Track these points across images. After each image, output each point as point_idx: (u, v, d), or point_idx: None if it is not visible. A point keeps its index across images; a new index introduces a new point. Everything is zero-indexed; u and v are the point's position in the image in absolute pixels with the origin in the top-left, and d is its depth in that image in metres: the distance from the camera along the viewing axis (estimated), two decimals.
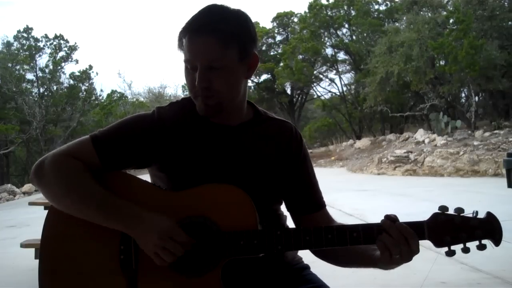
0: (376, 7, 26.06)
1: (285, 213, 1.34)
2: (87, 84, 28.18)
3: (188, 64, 1.15)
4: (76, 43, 28.09)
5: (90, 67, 27.71)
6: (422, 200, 7.18)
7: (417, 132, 16.59)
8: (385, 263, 1.09)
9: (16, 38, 27.10)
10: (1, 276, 4.05)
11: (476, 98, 17.49)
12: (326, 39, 27.07)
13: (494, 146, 11.75)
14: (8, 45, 26.97)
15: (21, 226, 7.20)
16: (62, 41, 27.52)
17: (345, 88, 27.26)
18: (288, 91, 31.06)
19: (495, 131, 13.83)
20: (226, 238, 1.09)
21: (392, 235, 1.06)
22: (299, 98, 32.08)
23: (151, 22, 72.13)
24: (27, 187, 15.12)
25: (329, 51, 26.91)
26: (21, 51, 27.12)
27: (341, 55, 26.81)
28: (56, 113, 25.74)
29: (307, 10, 26.78)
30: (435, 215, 1.08)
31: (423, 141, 14.66)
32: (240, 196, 1.12)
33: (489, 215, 1.07)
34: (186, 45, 1.14)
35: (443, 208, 1.09)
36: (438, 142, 13.58)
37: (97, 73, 37.38)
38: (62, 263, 1.14)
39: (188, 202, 1.14)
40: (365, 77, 21.09)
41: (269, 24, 32.95)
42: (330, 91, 29.92)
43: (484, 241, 1.06)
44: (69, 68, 49.71)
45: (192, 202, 1.13)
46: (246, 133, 1.25)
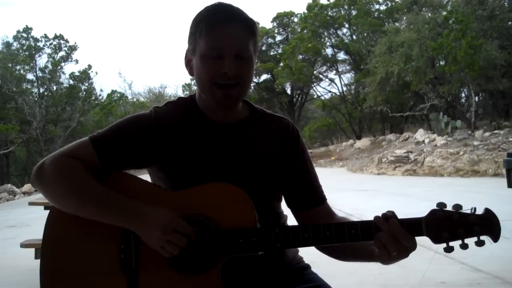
0: (376, 7, 26.07)
1: (285, 212, 1.34)
2: (87, 84, 28.18)
3: (213, 52, 1.13)
4: (76, 43, 28.13)
5: (90, 67, 27.73)
6: (422, 200, 7.18)
7: (417, 132, 16.59)
8: (383, 260, 1.10)
9: (16, 38, 27.11)
10: (1, 276, 4.05)
11: (476, 98, 17.49)
12: (326, 39, 27.08)
13: (494, 146, 11.75)
14: (8, 45, 26.99)
15: (21, 226, 7.20)
16: (62, 41, 27.52)
17: (345, 88, 27.30)
18: (288, 91, 31.07)
19: (495, 131, 13.84)
20: (225, 236, 1.09)
21: (386, 233, 1.06)
22: (299, 98, 32.08)
23: (151, 22, 72.17)
24: (27, 187, 15.11)
25: (329, 51, 26.95)
26: (21, 51, 27.12)
27: (341, 55, 26.85)
28: (56, 113, 25.74)
29: (307, 10, 26.78)
30: (433, 212, 1.08)
31: (423, 141, 14.67)
32: (238, 194, 1.13)
33: (487, 211, 1.07)
34: (214, 32, 1.13)
35: (441, 205, 1.09)
36: (438, 142, 13.59)
37: (96, 72, 37.41)
38: (63, 263, 1.15)
39: (187, 201, 1.14)
40: (365, 77, 21.09)
41: (269, 24, 32.98)
42: (330, 91, 29.98)
43: (482, 237, 1.06)
44: (69, 68, 49.85)
45: (191, 201, 1.14)
46: (244, 131, 1.25)
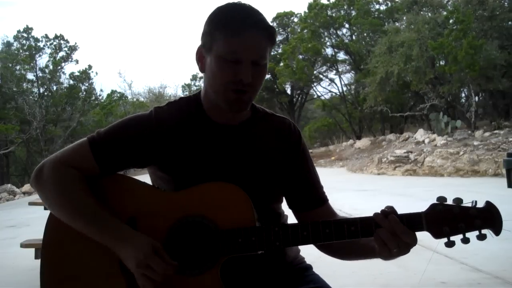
0: (376, 7, 26.07)
1: (286, 212, 1.34)
2: (87, 84, 28.18)
3: (231, 55, 1.12)
4: (76, 43, 28.16)
5: (90, 67, 27.73)
6: (422, 200, 7.17)
7: (417, 132, 16.59)
8: (384, 256, 1.09)
9: (16, 38, 27.13)
10: (1, 276, 4.04)
11: (476, 98, 17.49)
12: (326, 39, 27.08)
13: (494, 146, 11.74)
14: (8, 45, 27.00)
15: (21, 226, 7.20)
16: (62, 41, 27.54)
17: (345, 88, 27.30)
18: (288, 91, 31.07)
19: (495, 131, 13.83)
20: (224, 236, 1.09)
21: (386, 229, 1.05)
22: (299, 98, 32.08)
23: (151, 22, 72.16)
24: (27, 187, 15.11)
25: (329, 51, 26.95)
26: (21, 51, 27.12)
27: (341, 55, 26.84)
28: (56, 113, 25.73)
29: (307, 10, 26.79)
30: (433, 206, 1.07)
31: (423, 141, 14.66)
32: (237, 194, 1.12)
33: (488, 204, 1.05)
34: (235, 36, 1.11)
35: (441, 199, 1.07)
36: (438, 142, 13.59)
37: (96, 73, 37.43)
38: (63, 265, 1.15)
39: (185, 201, 1.14)
40: (365, 77, 21.09)
41: None
42: (330, 91, 29.95)
43: (484, 231, 1.04)
44: (69, 68, 49.87)
45: (189, 202, 1.13)
46: (247, 132, 1.25)
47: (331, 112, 27.50)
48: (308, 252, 1.32)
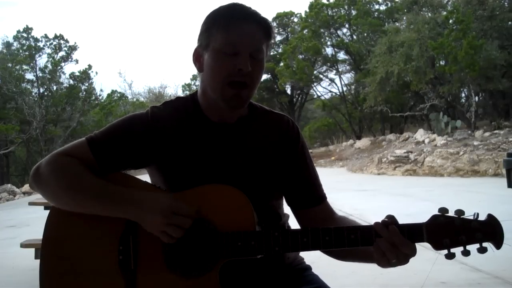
0: (376, 7, 26.04)
1: (286, 212, 1.34)
2: (87, 84, 28.13)
3: (229, 48, 1.13)
4: (76, 43, 28.09)
5: (90, 66, 27.68)
6: (422, 200, 7.18)
7: (417, 132, 16.59)
8: (382, 265, 1.08)
9: (16, 38, 27.08)
10: (1, 276, 4.04)
11: (476, 98, 17.47)
12: (327, 38, 27.07)
13: (494, 146, 11.74)
14: (8, 45, 26.97)
15: (21, 226, 7.20)
16: (62, 41, 27.49)
17: (345, 88, 27.27)
18: (288, 91, 31.05)
19: (495, 131, 13.83)
20: (223, 239, 1.09)
21: (386, 240, 1.04)
22: (299, 98, 32.06)
23: (151, 22, 72.13)
24: (27, 187, 15.09)
25: (329, 51, 26.93)
26: (21, 51, 27.08)
27: (341, 55, 26.82)
28: (56, 113, 25.70)
29: (307, 10, 26.79)
30: (434, 217, 1.06)
31: (423, 141, 14.66)
32: (238, 197, 1.12)
33: (490, 217, 1.05)
34: (232, 28, 1.13)
35: (443, 210, 1.06)
36: (438, 142, 13.58)
37: (96, 72, 37.34)
38: (62, 264, 1.15)
39: (186, 203, 1.13)
40: (365, 77, 21.07)
41: None
42: (330, 91, 29.88)
43: (484, 244, 1.04)
44: (69, 68, 49.78)
45: (190, 203, 1.13)
46: (244, 129, 1.25)
47: (331, 112, 27.49)
48: (308, 252, 1.32)
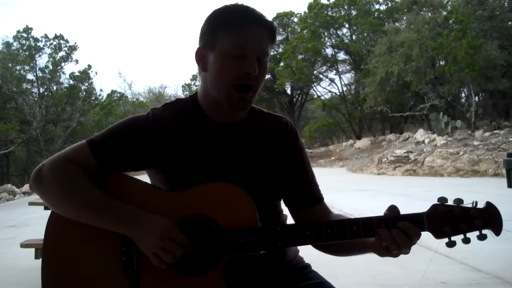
0: (376, 7, 26.07)
1: (285, 212, 1.34)
2: (87, 84, 28.15)
3: (237, 50, 1.14)
4: (76, 43, 28.09)
5: (90, 66, 27.69)
6: (422, 200, 7.17)
7: (417, 132, 16.59)
8: (382, 255, 1.11)
9: (16, 38, 27.07)
10: (1, 276, 4.04)
11: (476, 98, 17.48)
12: (326, 39, 27.08)
13: (494, 146, 11.75)
14: (8, 45, 26.95)
15: (21, 226, 7.20)
16: (62, 41, 27.48)
17: (345, 88, 27.30)
18: (288, 91, 31.07)
19: (495, 131, 13.84)
20: (226, 236, 1.09)
21: (391, 231, 1.07)
22: (299, 98, 32.08)
23: (151, 22, 72.16)
24: (27, 187, 15.09)
25: (329, 51, 26.94)
26: (21, 51, 27.08)
27: (341, 55, 26.84)
28: (56, 113, 25.69)
29: (307, 10, 26.79)
30: (434, 206, 1.09)
31: (423, 141, 14.67)
32: (239, 194, 1.13)
33: (489, 204, 1.08)
34: (241, 31, 1.14)
35: (442, 199, 1.09)
36: (438, 142, 13.59)
37: (96, 72, 37.40)
38: (64, 266, 1.15)
39: (187, 201, 1.14)
40: (365, 77, 21.09)
41: None
42: (330, 91, 29.98)
43: (484, 231, 1.06)
44: (69, 68, 49.84)
45: (191, 202, 1.14)
46: (245, 130, 1.26)
47: (331, 112, 27.51)
48: (308, 252, 1.33)
